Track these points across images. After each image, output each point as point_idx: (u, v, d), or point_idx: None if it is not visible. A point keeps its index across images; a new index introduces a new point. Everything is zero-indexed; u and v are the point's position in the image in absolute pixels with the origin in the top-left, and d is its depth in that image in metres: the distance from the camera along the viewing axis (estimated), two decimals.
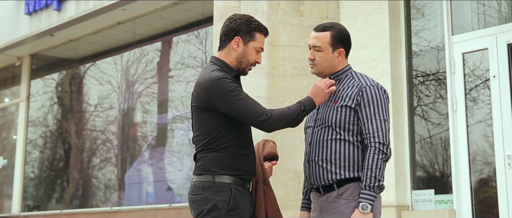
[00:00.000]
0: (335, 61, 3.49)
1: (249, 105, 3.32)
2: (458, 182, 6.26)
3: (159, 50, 10.51)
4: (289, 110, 3.36)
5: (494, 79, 6.18)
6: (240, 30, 3.45)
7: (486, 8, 6.59)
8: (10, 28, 11.36)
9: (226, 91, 3.31)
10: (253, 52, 3.48)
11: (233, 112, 3.33)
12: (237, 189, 3.35)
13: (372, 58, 6.69)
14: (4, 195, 12.62)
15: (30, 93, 12.29)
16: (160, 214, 9.08)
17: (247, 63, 3.49)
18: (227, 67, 3.45)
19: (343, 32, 3.52)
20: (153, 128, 10.51)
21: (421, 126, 6.76)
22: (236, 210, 3.33)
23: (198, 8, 9.42)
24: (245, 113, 3.32)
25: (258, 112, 3.31)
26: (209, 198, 3.32)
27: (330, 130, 3.38)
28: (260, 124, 3.33)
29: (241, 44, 3.45)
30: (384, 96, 3.40)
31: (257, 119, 3.31)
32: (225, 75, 3.38)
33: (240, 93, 3.34)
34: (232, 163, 3.37)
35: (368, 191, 3.24)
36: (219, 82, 3.33)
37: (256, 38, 3.47)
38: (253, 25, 3.47)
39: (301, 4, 7.12)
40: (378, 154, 3.27)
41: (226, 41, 3.48)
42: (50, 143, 12.23)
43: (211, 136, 3.38)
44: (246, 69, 3.52)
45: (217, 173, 3.35)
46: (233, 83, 3.36)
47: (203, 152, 3.42)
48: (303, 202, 3.69)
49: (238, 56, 3.46)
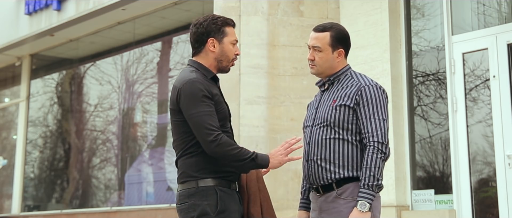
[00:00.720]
0: (335, 61, 3.49)
1: (205, 120, 3.24)
2: (458, 182, 6.26)
3: (159, 50, 10.51)
4: (241, 148, 3.29)
5: (494, 79, 6.18)
6: (210, 31, 3.43)
7: (486, 8, 6.59)
8: (10, 28, 11.36)
9: (192, 96, 3.28)
10: (230, 47, 3.46)
11: (189, 120, 3.29)
12: (222, 191, 3.31)
13: (372, 58, 6.69)
14: (4, 195, 12.62)
15: (30, 93, 12.29)
16: (160, 214, 9.08)
17: (228, 59, 3.47)
18: (204, 69, 3.43)
19: (343, 32, 3.52)
20: (153, 128, 10.51)
21: (421, 126, 6.76)
22: (225, 212, 3.29)
23: (198, 8, 9.42)
24: (198, 126, 3.25)
25: (209, 130, 3.23)
26: (196, 204, 3.28)
27: (329, 129, 3.38)
28: (206, 143, 3.24)
29: (217, 44, 3.44)
30: (383, 96, 3.40)
31: (205, 137, 3.23)
32: (201, 79, 3.34)
33: (204, 104, 3.27)
34: (214, 166, 3.32)
35: (366, 190, 3.24)
36: (190, 84, 3.30)
37: (227, 33, 3.46)
38: (220, 21, 3.46)
39: (301, 4, 7.12)
40: (377, 153, 3.27)
41: (200, 46, 3.46)
42: (50, 143, 12.23)
43: (187, 140, 3.35)
44: (228, 66, 3.50)
45: (200, 178, 3.31)
46: (205, 92, 3.30)
47: (182, 158, 3.39)
48: (302, 201, 3.69)
49: (217, 56, 3.45)
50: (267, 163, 3.33)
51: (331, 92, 3.47)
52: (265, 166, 3.35)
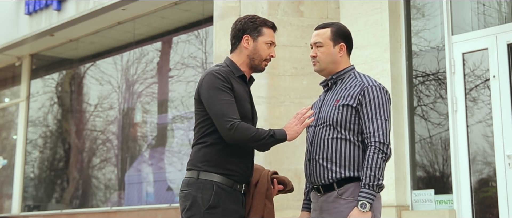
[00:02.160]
0: (337, 56, 3.51)
1: (225, 108, 3.31)
2: (458, 182, 6.26)
3: (159, 50, 10.51)
4: (257, 130, 3.34)
5: (494, 79, 6.18)
6: (247, 29, 3.52)
7: (486, 8, 6.59)
8: (10, 28, 11.36)
9: (212, 86, 3.35)
10: (264, 46, 3.53)
11: (209, 109, 3.36)
12: (221, 188, 3.33)
13: (372, 58, 6.69)
14: (4, 195, 12.62)
15: (30, 93, 12.29)
16: (160, 214, 9.08)
17: (260, 58, 3.53)
18: (233, 67, 3.50)
19: (344, 28, 3.58)
20: (153, 128, 10.51)
21: (421, 126, 6.76)
22: (217, 208, 3.31)
23: (198, 8, 9.42)
24: (217, 114, 3.32)
25: (228, 118, 3.29)
26: (191, 194, 3.34)
27: (332, 129, 3.39)
28: (225, 131, 3.29)
29: (251, 41, 3.52)
30: (386, 97, 3.41)
31: (224, 124, 3.29)
32: (225, 72, 3.41)
33: (224, 93, 3.34)
34: (219, 161, 3.37)
35: (367, 190, 3.24)
36: (211, 75, 3.38)
37: (264, 33, 3.53)
38: (258, 21, 3.55)
39: (301, 4, 7.12)
40: (378, 153, 3.28)
41: (237, 43, 3.55)
42: (50, 143, 12.23)
43: (202, 129, 3.42)
44: (261, 65, 3.55)
45: (202, 169, 3.36)
46: (226, 83, 3.36)
47: (195, 146, 3.46)
48: (305, 202, 3.70)
49: (249, 54, 3.52)
50: (285, 136, 3.38)
51: (334, 92, 3.49)
52: (284, 140, 3.39)
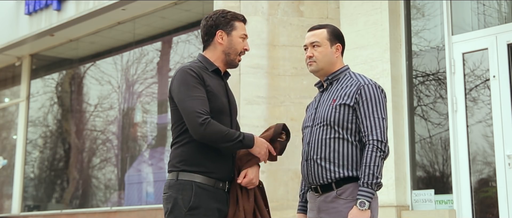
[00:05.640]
0: (334, 56, 3.51)
1: (195, 104, 3.23)
2: (458, 182, 6.26)
3: (159, 50, 10.51)
4: (229, 130, 3.27)
5: (494, 79, 6.18)
6: (220, 24, 3.47)
7: (486, 8, 6.59)
8: (10, 28, 11.36)
9: (183, 82, 3.29)
10: (238, 40, 3.48)
11: (179, 105, 3.29)
12: (201, 187, 3.27)
13: (372, 58, 6.68)
14: (4, 195, 12.62)
15: (30, 93, 12.29)
16: (160, 214, 9.07)
17: (235, 52, 3.48)
18: (206, 62, 3.45)
19: (338, 30, 3.60)
20: (153, 128, 10.51)
21: (421, 126, 6.76)
22: (199, 209, 3.24)
23: (198, 8, 9.42)
24: (187, 110, 3.23)
25: (198, 114, 3.20)
26: (172, 197, 3.27)
27: (329, 128, 3.38)
28: (195, 127, 3.20)
29: (225, 36, 3.47)
30: (382, 95, 3.41)
31: (193, 121, 3.19)
32: (196, 67, 3.36)
33: (195, 89, 3.27)
34: (196, 159, 3.30)
35: (366, 188, 3.24)
36: (182, 71, 3.33)
37: (236, 27, 3.49)
38: (230, 15, 3.50)
39: (301, 4, 7.12)
40: (376, 152, 3.27)
41: (210, 39, 3.49)
42: (50, 143, 12.23)
43: (177, 129, 3.35)
44: (235, 60, 3.50)
45: (180, 169, 3.29)
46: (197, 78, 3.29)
47: (173, 147, 3.39)
48: (300, 204, 3.68)
49: (225, 49, 3.47)
50: (252, 144, 3.32)
51: (331, 92, 3.48)
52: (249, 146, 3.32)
